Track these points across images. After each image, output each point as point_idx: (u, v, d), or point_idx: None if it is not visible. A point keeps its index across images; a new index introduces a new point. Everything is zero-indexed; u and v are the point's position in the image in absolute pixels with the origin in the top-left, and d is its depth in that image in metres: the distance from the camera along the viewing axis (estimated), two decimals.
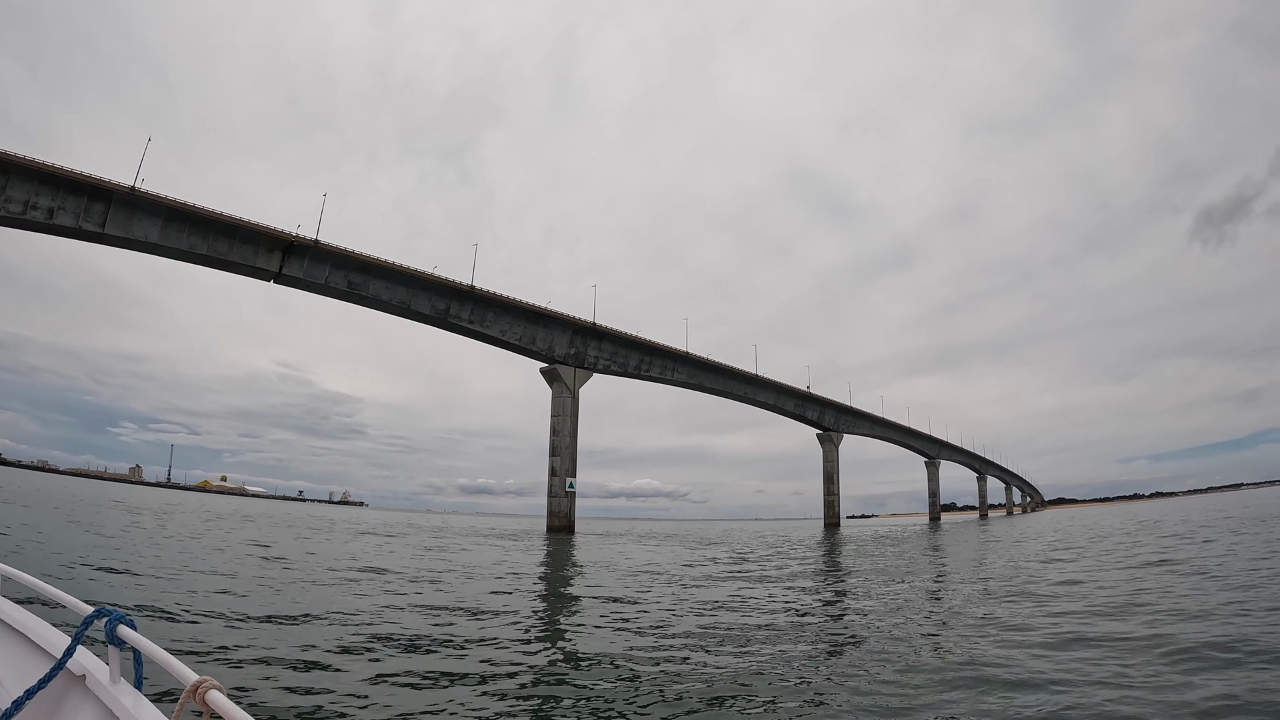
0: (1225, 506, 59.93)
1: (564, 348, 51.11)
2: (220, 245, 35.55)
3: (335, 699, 5.05)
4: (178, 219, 33.90)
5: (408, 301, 44.05)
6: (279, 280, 39.24)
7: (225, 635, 6.79)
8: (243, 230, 36.09)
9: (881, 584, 14.16)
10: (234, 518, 36.41)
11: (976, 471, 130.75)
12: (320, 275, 40.11)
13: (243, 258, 36.50)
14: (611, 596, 11.44)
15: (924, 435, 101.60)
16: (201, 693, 1.57)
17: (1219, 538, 20.70)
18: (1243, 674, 5.45)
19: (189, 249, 34.43)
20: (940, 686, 5.57)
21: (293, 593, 10.02)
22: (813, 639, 7.95)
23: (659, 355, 58.78)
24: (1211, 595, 9.46)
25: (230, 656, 6.00)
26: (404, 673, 5.85)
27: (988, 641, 7.31)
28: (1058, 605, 9.67)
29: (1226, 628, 7.14)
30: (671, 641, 7.54)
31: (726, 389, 66.50)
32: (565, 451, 47.40)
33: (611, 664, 6.43)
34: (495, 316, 48.12)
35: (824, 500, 74.79)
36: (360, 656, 6.37)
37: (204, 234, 34.94)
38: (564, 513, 45.35)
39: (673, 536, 40.46)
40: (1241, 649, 6.16)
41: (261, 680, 5.39)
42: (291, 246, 38.40)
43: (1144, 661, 6.04)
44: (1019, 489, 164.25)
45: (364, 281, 42.10)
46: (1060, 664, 6.14)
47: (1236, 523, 28.87)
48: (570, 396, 49.64)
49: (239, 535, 21.58)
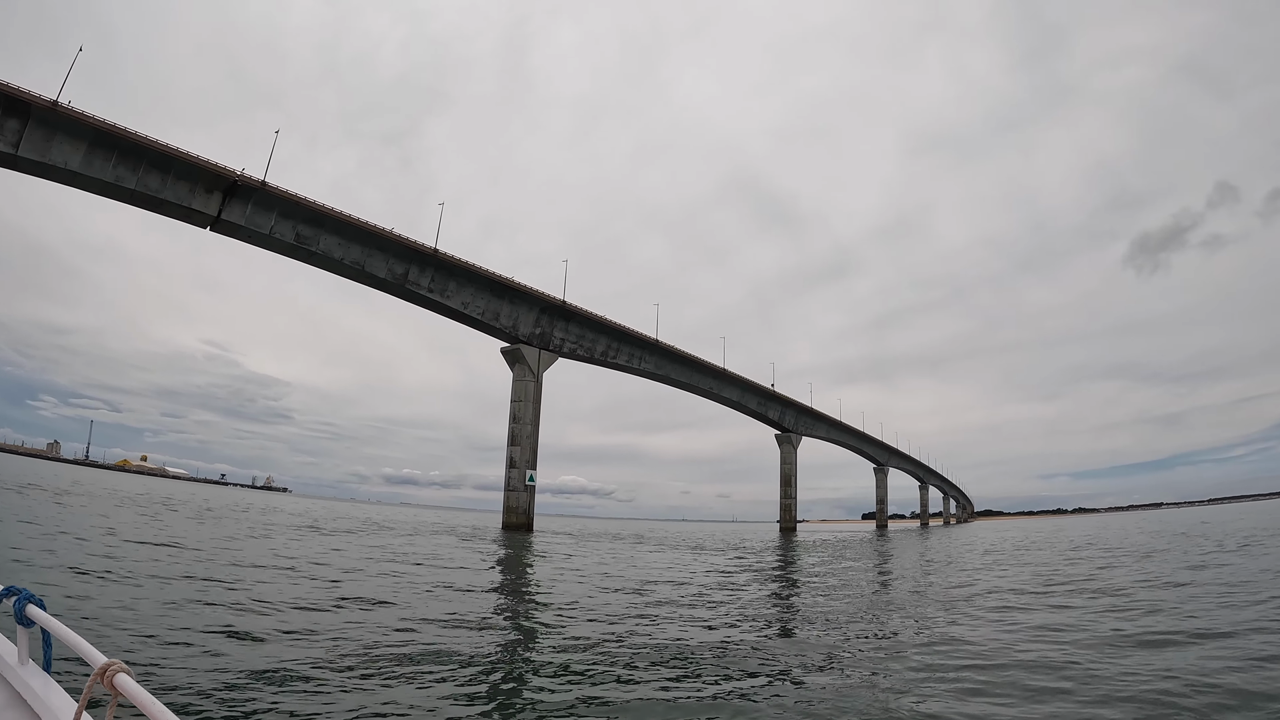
0: (1176, 522, 63.80)
1: (529, 327, 49.30)
2: (152, 180, 31.96)
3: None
4: (105, 145, 30.18)
5: (362, 262, 41.18)
6: (216, 228, 35.86)
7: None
8: (180, 163, 32.60)
9: (994, 608, 12.17)
10: (150, 502, 33.33)
11: (919, 480, 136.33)
12: (265, 224, 36.86)
13: (177, 196, 32.99)
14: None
15: (877, 441, 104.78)
16: (110, 676, 1.59)
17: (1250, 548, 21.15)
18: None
19: (115, 181, 30.76)
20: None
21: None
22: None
23: (627, 342, 57.73)
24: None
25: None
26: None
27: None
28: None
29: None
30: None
31: (693, 382, 66.17)
32: (526, 441, 45.83)
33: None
34: (458, 286, 45.77)
35: (780, 503, 76.16)
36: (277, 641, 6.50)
37: (134, 165, 31.29)
38: (523, 508, 43.96)
39: (631, 537, 39.46)
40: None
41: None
42: (235, 187, 35.07)
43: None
44: (954, 499, 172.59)
45: (314, 235, 39.02)
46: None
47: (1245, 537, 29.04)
48: (534, 381, 48.01)
49: (148, 530, 18.61)
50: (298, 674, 5.62)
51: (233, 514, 31.95)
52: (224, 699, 4.90)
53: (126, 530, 16.94)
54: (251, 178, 35.16)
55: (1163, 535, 35.49)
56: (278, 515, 34.74)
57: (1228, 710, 5.17)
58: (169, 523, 21.73)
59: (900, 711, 5.30)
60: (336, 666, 5.91)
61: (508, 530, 41.76)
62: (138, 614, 7.33)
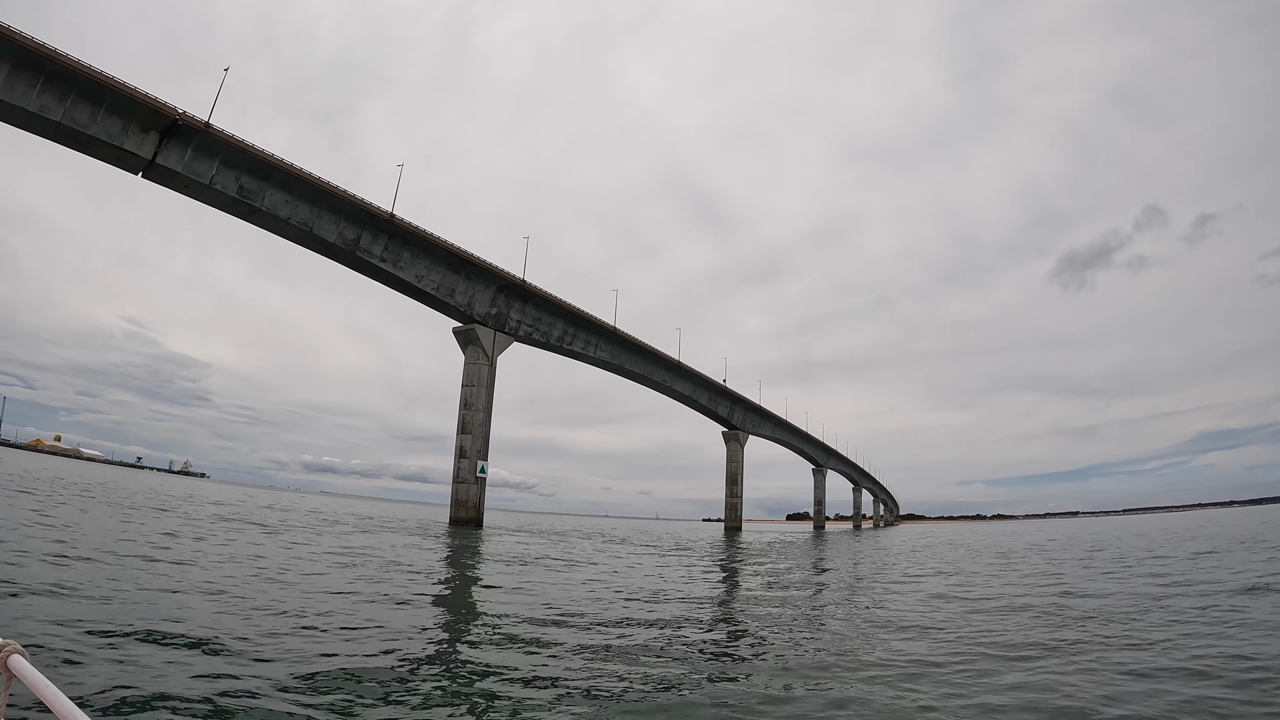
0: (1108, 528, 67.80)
1: (485, 306, 47.89)
2: (80, 113, 29.01)
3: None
4: (30, 67, 27.13)
5: (310, 223, 38.84)
6: (149, 174, 33.03)
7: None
8: (114, 95, 29.73)
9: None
10: (65, 486, 30.57)
11: (853, 483, 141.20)
12: (205, 173, 34.19)
13: (107, 134, 30.09)
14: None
15: (819, 443, 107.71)
16: (3, 657, 1.62)
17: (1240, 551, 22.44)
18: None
19: (38, 111, 27.72)
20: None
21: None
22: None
23: (584, 328, 57.01)
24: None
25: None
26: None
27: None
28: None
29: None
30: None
31: (647, 373, 66.04)
32: (478, 429, 44.60)
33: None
34: (413, 258, 43.93)
35: (726, 502, 77.28)
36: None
37: (61, 93, 28.29)
38: (473, 502, 42.86)
39: (597, 535, 38.71)
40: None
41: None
42: (175, 127, 32.33)
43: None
44: (884, 503, 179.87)
45: (260, 189, 36.49)
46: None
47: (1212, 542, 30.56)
48: (488, 364, 46.78)
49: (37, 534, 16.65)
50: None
51: (162, 501, 29.67)
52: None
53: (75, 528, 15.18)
54: (195, 118, 32.47)
55: (1145, 539, 33.68)
56: (207, 507, 32.54)
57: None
58: (95, 514, 19.85)
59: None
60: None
61: (456, 525, 40.58)
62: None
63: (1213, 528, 49.28)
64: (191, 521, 21.30)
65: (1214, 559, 20.61)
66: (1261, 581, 13.62)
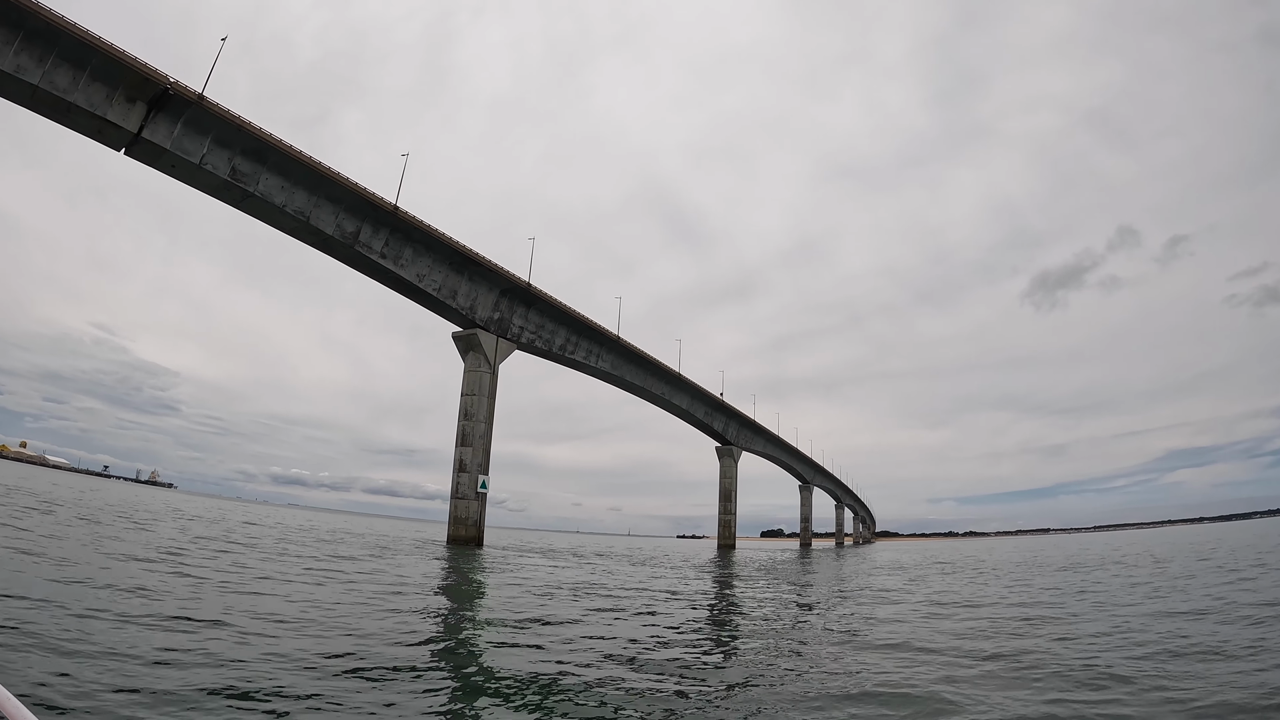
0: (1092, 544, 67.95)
1: (487, 310, 45.58)
2: (61, 77, 26.12)
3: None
4: (8, 23, 24.24)
5: (307, 212, 36.15)
6: (133, 151, 30.18)
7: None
8: (100, 58, 26.89)
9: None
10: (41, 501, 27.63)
11: (836, 500, 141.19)
12: (195, 151, 31.39)
13: (89, 102, 27.21)
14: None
15: (808, 460, 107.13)
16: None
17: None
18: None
19: (13, 72, 24.79)
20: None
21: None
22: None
23: (587, 336, 55.08)
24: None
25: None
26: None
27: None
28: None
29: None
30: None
31: (646, 385, 64.36)
32: (479, 441, 42.24)
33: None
34: (415, 255, 41.46)
35: (719, 519, 76.22)
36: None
37: (41, 54, 25.41)
38: (472, 519, 40.47)
39: (611, 554, 36.43)
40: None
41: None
42: (164, 98, 29.51)
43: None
44: (863, 520, 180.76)
45: (254, 172, 33.78)
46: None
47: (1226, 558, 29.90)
48: (490, 372, 44.48)
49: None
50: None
51: (137, 516, 26.84)
52: None
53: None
54: (188, 88, 29.72)
55: (1136, 556, 34.31)
56: (191, 523, 29.71)
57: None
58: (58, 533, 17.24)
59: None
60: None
61: (454, 544, 38.19)
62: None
63: (1212, 542, 49.08)
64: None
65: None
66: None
